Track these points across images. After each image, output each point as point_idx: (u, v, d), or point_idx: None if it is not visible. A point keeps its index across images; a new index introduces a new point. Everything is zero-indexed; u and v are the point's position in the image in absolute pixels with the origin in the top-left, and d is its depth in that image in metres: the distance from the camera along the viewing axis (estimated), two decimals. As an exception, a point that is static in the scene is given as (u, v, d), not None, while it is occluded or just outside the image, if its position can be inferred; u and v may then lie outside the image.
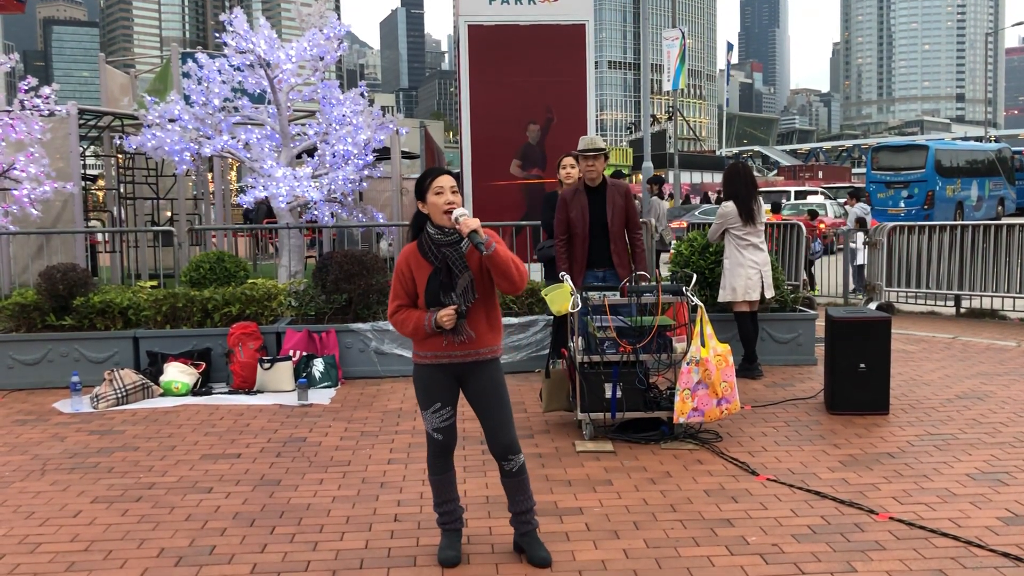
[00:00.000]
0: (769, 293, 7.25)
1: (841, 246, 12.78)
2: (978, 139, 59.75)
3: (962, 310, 10.76)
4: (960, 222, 9.65)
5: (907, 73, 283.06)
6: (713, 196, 39.22)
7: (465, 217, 3.54)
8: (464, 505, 4.16)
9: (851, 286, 12.17)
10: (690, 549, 3.91)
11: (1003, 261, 9.98)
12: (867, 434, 5.66)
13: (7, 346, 7.48)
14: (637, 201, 11.90)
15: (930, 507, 4.36)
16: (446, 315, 3.59)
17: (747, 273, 7.17)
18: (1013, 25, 58.37)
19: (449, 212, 3.58)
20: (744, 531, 4.10)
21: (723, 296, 7.35)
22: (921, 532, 4.05)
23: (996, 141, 52.35)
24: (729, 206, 7.26)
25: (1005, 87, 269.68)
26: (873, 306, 10.35)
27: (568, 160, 7.13)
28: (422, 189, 3.65)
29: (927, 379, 7.23)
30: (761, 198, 7.38)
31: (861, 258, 12.22)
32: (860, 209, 15.19)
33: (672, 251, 8.64)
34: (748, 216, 7.20)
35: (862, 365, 6.05)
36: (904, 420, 5.98)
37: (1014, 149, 36.10)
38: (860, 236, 12.28)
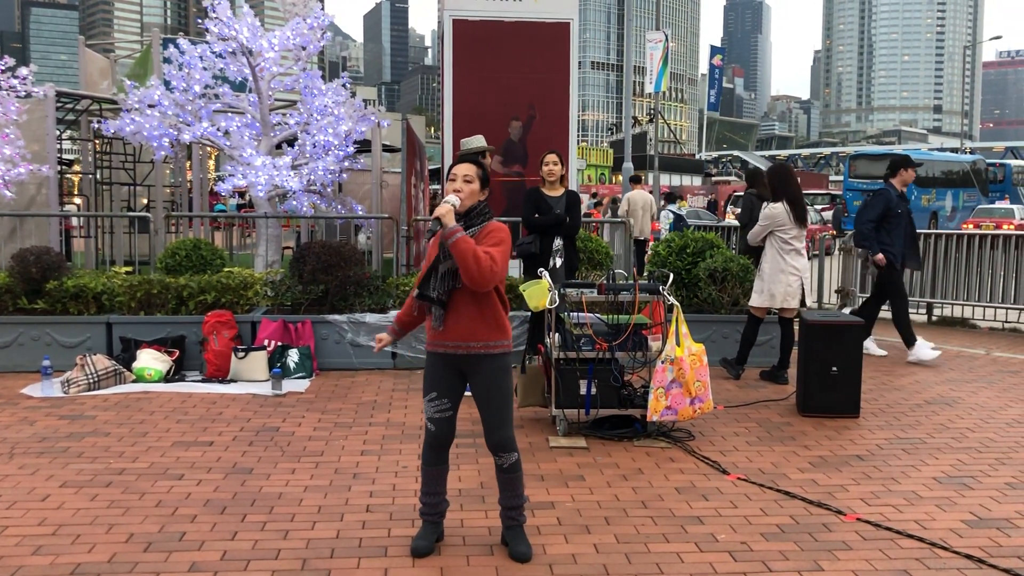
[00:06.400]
0: (809, 300, 7.10)
1: (816, 251, 12.88)
2: (954, 150, 60.46)
3: (934, 318, 10.90)
4: (934, 231, 9.79)
5: (886, 83, 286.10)
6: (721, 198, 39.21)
7: (442, 204, 3.56)
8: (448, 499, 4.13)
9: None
10: (660, 545, 3.94)
11: (974, 271, 10.13)
12: (837, 436, 5.73)
13: (-23, 328, 7.40)
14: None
15: (897, 509, 4.43)
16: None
17: (788, 280, 7.07)
18: (991, 39, 59.17)
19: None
20: (714, 528, 4.14)
21: (759, 301, 7.21)
22: (887, 533, 4.11)
23: (971, 153, 53.04)
24: (779, 208, 7.07)
25: (981, 100, 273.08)
26: (847, 311, 10.45)
27: (551, 156, 7.18)
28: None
29: (897, 384, 7.32)
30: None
31: None
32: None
33: (650, 253, 8.66)
34: (801, 220, 7.06)
35: (834, 368, 6.13)
36: (874, 423, 6.05)
37: (988, 161, 36.68)
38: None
